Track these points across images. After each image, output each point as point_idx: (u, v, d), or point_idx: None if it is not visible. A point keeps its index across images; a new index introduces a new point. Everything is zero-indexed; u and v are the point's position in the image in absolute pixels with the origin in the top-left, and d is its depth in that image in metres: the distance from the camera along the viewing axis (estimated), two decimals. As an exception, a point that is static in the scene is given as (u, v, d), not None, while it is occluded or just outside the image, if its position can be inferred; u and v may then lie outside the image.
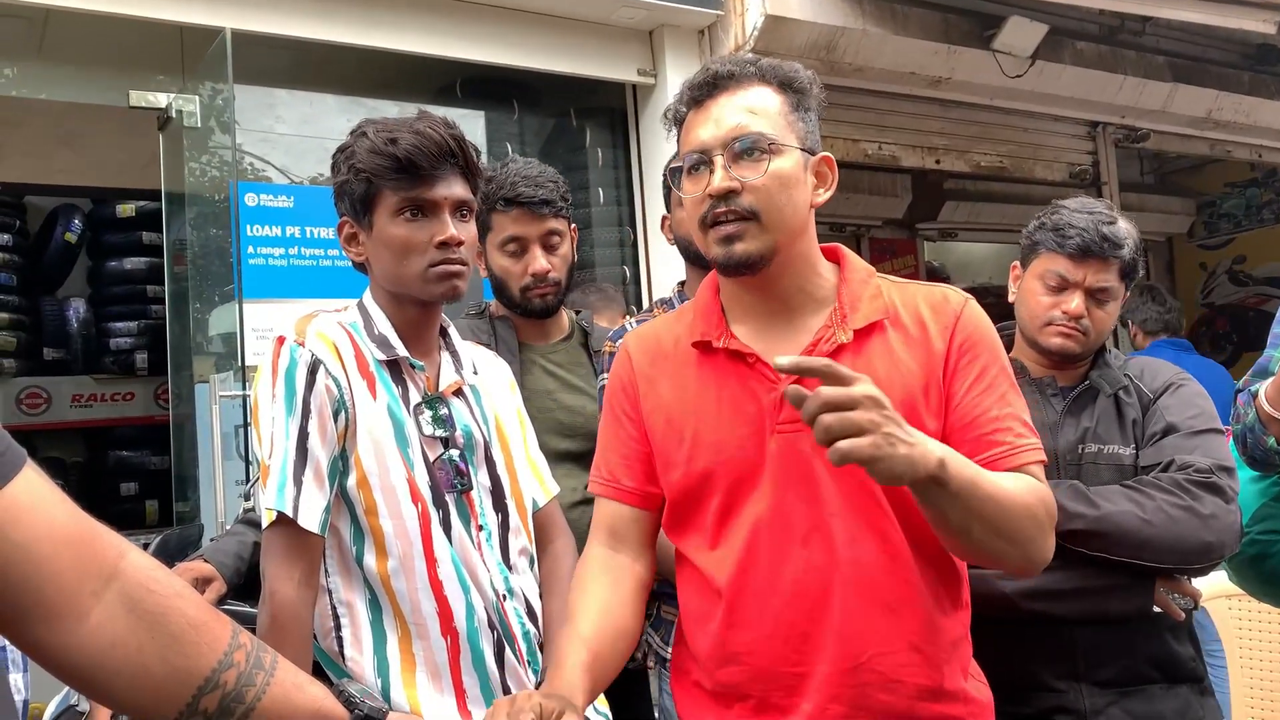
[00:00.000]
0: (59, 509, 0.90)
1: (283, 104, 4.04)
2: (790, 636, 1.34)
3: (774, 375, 1.38)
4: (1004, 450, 1.34)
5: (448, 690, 1.51)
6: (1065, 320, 1.81)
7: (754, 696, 1.37)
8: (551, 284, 2.09)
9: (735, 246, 1.36)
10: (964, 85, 5.00)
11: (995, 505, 1.24)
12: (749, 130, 1.36)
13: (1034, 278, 1.87)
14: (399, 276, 1.57)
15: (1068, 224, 1.82)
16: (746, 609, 1.37)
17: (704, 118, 1.39)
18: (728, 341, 1.42)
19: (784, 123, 1.38)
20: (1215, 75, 5.76)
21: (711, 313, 1.47)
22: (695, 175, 1.40)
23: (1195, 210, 8.13)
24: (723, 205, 1.36)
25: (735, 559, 1.38)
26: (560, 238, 2.11)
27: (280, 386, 1.49)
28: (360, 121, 1.60)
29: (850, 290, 1.43)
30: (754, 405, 1.39)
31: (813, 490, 1.35)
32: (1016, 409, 1.38)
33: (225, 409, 3.47)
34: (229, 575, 1.88)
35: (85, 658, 0.90)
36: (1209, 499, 1.66)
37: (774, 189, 1.35)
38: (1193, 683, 1.79)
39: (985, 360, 1.38)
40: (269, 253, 3.53)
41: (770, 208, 1.36)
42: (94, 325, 6.00)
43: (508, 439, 1.69)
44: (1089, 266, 1.81)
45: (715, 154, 1.36)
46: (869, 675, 1.32)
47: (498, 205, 2.06)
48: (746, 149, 1.35)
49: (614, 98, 4.53)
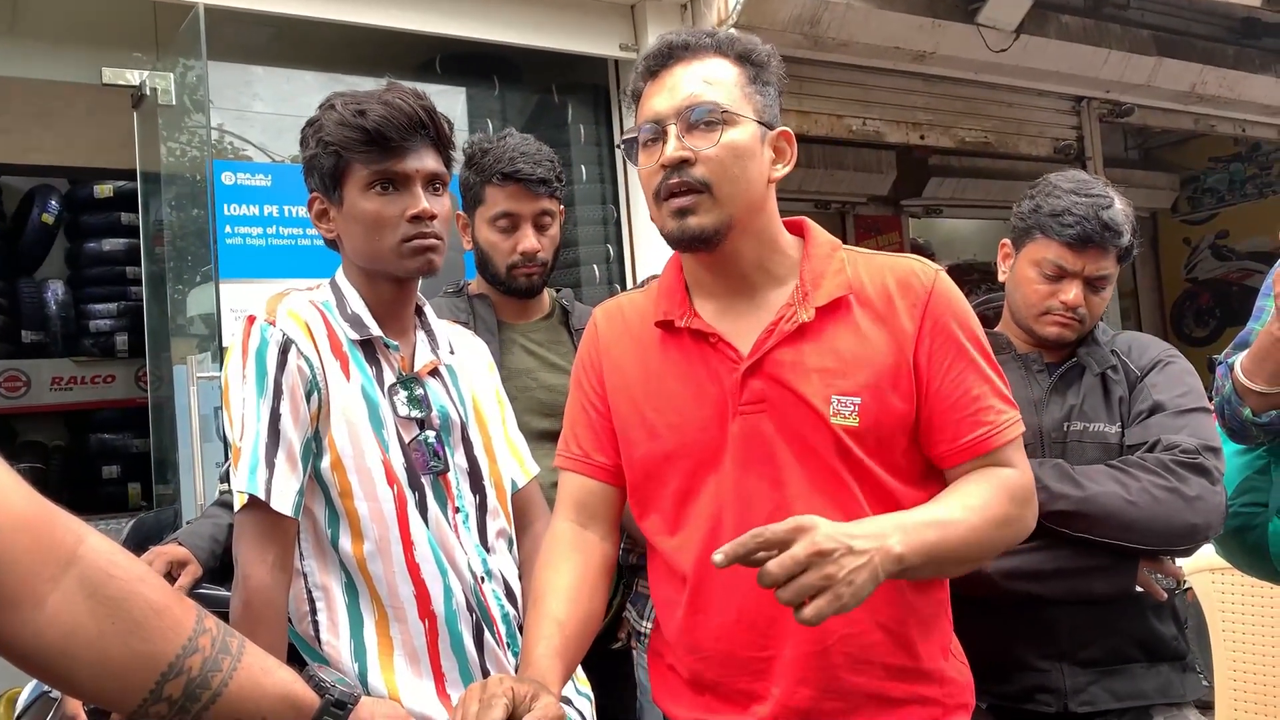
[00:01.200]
0: (14, 493, 0.87)
1: (259, 81, 3.98)
2: (756, 621, 1.33)
3: (735, 355, 1.36)
4: (986, 432, 1.34)
5: (426, 674, 1.49)
6: (1063, 310, 1.78)
7: (723, 682, 1.36)
8: (539, 264, 2.06)
9: (689, 220, 1.34)
10: (948, 60, 4.96)
11: (964, 545, 1.27)
12: (703, 100, 1.33)
13: (1029, 263, 1.82)
14: (371, 252, 1.53)
15: (1066, 210, 1.76)
16: (711, 594, 1.35)
17: (659, 88, 1.37)
18: (690, 321, 1.40)
19: (740, 94, 1.35)
20: (1200, 49, 5.74)
21: (675, 292, 1.44)
22: (650, 147, 1.37)
23: (1179, 185, 8.15)
24: (675, 176, 1.33)
25: (698, 543, 1.36)
26: (551, 219, 2.08)
27: (251, 367, 1.46)
28: (329, 94, 1.56)
29: (813, 266, 1.39)
30: (716, 386, 1.37)
31: (775, 472, 1.33)
32: (993, 380, 1.37)
33: (204, 390, 3.43)
34: (204, 559, 1.85)
35: (44, 645, 0.87)
36: (1195, 480, 1.65)
37: (727, 160, 1.33)
38: (1174, 660, 1.79)
39: (960, 337, 1.36)
40: (247, 232, 3.48)
41: (723, 179, 1.33)
42: (73, 307, 5.94)
43: (485, 420, 1.67)
44: (1088, 256, 1.77)
45: (669, 123, 1.34)
46: (837, 657, 1.31)
47: (493, 179, 2.02)
48: (701, 119, 1.33)
49: (596, 73, 4.48)
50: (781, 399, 1.33)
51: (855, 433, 1.31)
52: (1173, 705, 1.77)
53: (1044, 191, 1.83)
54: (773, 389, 1.33)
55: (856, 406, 1.31)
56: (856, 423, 1.31)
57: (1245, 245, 7.97)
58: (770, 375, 1.34)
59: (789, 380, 1.33)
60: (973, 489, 1.32)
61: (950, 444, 1.35)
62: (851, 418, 1.31)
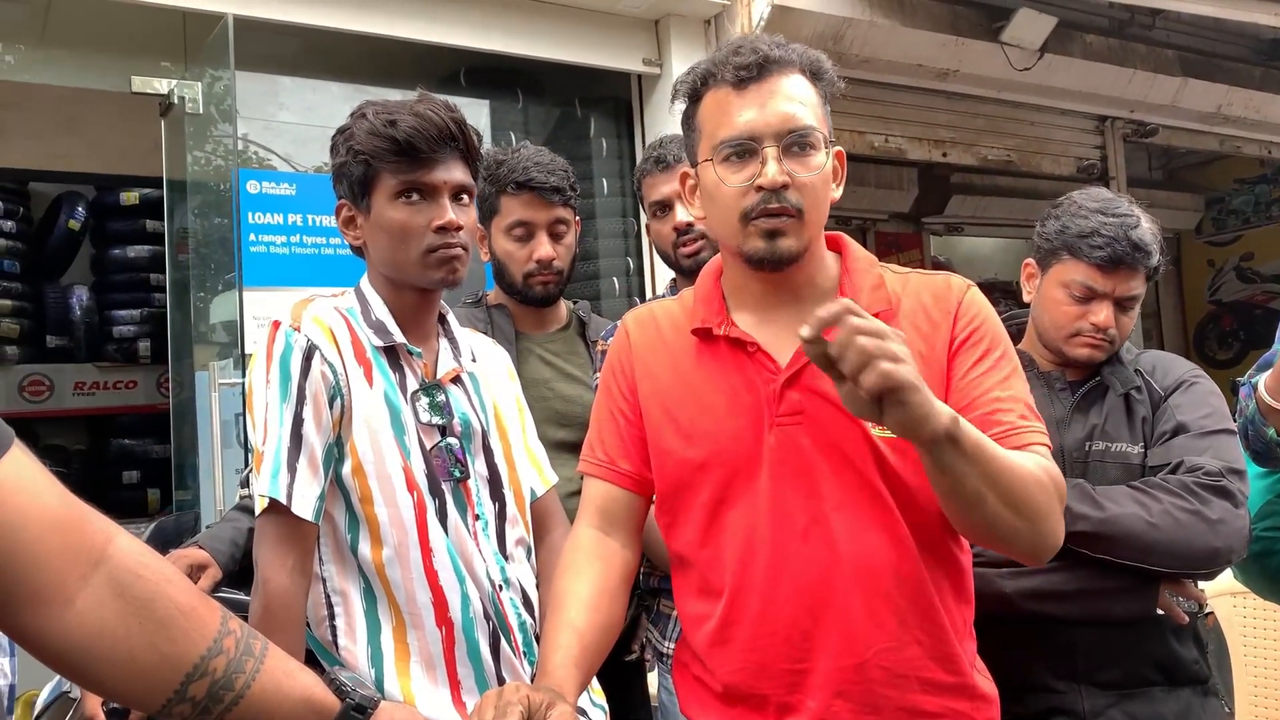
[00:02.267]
0: (47, 491, 0.88)
1: (285, 91, 4.02)
2: (791, 634, 1.32)
3: (774, 366, 1.35)
4: (1005, 429, 1.27)
5: (442, 681, 1.49)
6: (1093, 332, 1.76)
7: (757, 694, 1.35)
8: (555, 272, 2.07)
9: (780, 243, 1.32)
10: (972, 78, 4.97)
11: (1008, 473, 1.17)
12: (802, 123, 1.31)
13: (1057, 285, 1.80)
14: (396, 261, 1.55)
15: (1095, 231, 1.74)
16: (746, 605, 1.34)
17: (749, 101, 1.31)
18: (728, 329, 1.39)
19: (820, 114, 1.34)
20: (1226, 70, 5.72)
21: (712, 300, 1.44)
22: (736, 163, 1.32)
23: (1203, 206, 8.10)
24: (775, 201, 1.30)
25: (733, 555, 1.35)
26: (566, 227, 2.09)
27: (275, 372, 1.47)
28: (361, 103, 1.58)
29: (853, 281, 1.40)
30: (752, 396, 1.36)
31: (812, 484, 1.32)
32: (1020, 393, 1.33)
33: (225, 396, 3.46)
34: (224, 562, 1.86)
35: (72, 643, 0.88)
36: (1217, 503, 1.63)
37: (819, 186, 1.32)
38: (1195, 684, 1.76)
39: (988, 344, 1.35)
40: (270, 240, 3.51)
41: (814, 205, 1.32)
42: (97, 313, 6.01)
43: (506, 428, 1.67)
44: (1118, 277, 1.75)
45: (766, 144, 1.30)
46: (875, 671, 1.30)
47: (508, 189, 2.04)
48: (798, 142, 1.31)
49: (619, 87, 4.50)
50: (820, 411, 1.32)
51: (894, 444, 1.30)
52: (1193, 730, 1.75)
53: (1069, 212, 1.80)
54: (811, 400, 1.33)
55: None
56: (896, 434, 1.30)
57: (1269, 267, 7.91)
58: (809, 387, 1.33)
59: (828, 392, 1.29)
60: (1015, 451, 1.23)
61: None
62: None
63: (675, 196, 2.08)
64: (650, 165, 2.13)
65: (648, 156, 2.16)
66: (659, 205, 2.13)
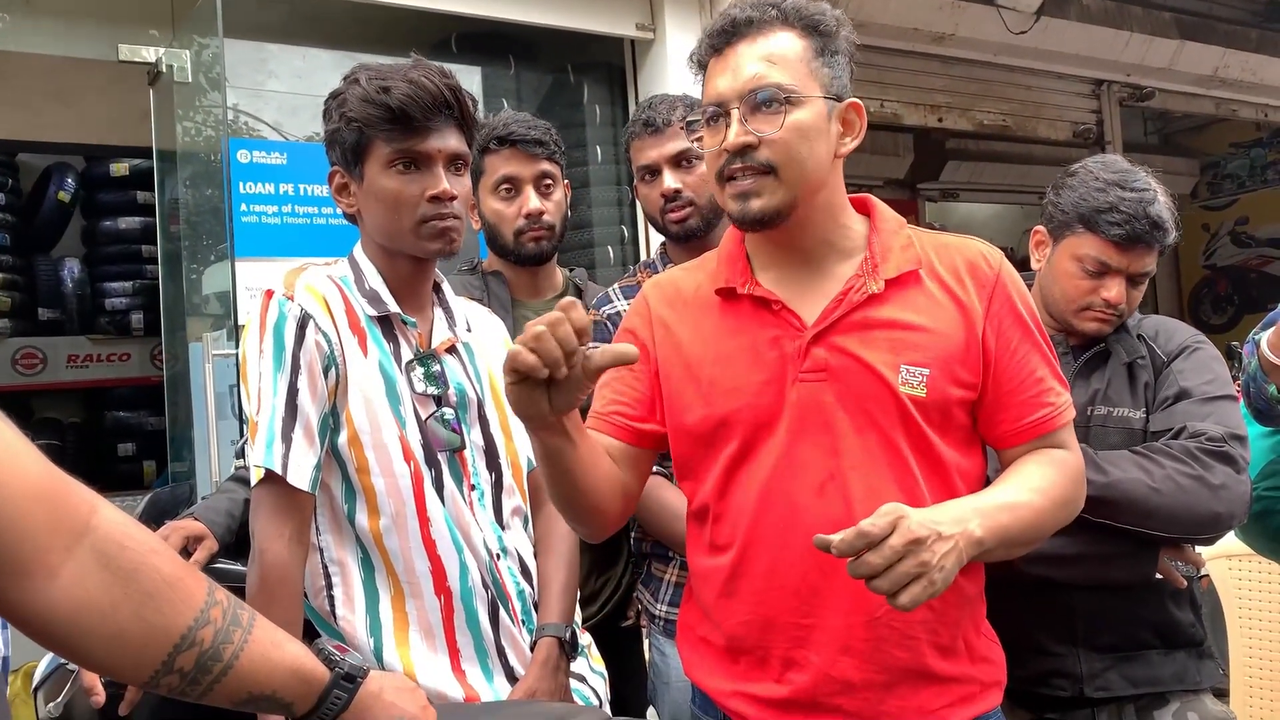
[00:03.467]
0: (30, 463, 0.87)
1: (275, 59, 3.98)
2: (800, 589, 1.32)
3: (799, 323, 1.35)
4: (1048, 413, 1.37)
5: (441, 649, 1.49)
6: (1103, 307, 1.75)
7: (761, 648, 1.35)
8: (545, 227, 2.05)
9: (751, 203, 1.33)
10: (968, 42, 4.93)
11: (1031, 527, 1.32)
12: (766, 81, 1.31)
13: (1069, 257, 1.77)
14: (390, 230, 1.53)
15: (1113, 207, 1.71)
16: (756, 559, 1.35)
17: (722, 66, 1.35)
18: (752, 288, 1.39)
19: (805, 70, 1.33)
20: (1223, 32, 5.69)
21: (736, 260, 1.43)
22: (713, 127, 1.36)
23: (1199, 171, 8.08)
24: (739, 161, 1.32)
25: (747, 508, 1.36)
26: (554, 182, 2.07)
27: (269, 341, 1.45)
28: (354, 66, 1.55)
29: (881, 240, 1.39)
30: (776, 352, 1.36)
31: (832, 441, 1.32)
32: (1052, 363, 1.41)
33: (219, 368, 3.44)
34: (220, 534, 1.85)
35: (57, 616, 0.87)
36: (1220, 469, 1.63)
37: (793, 142, 1.31)
38: (1191, 647, 1.78)
39: (1025, 320, 1.39)
40: (262, 210, 3.48)
41: (788, 161, 1.32)
42: (89, 285, 5.97)
43: (501, 397, 1.66)
44: (1133, 254, 1.73)
45: (732, 106, 1.32)
46: (885, 630, 1.30)
47: (490, 145, 2.03)
48: (764, 101, 1.31)
49: (612, 53, 4.45)
50: (845, 368, 1.33)
51: (921, 403, 1.32)
52: (1189, 692, 1.76)
53: (1086, 183, 1.76)
54: (837, 358, 1.33)
55: (925, 377, 1.32)
56: (924, 394, 1.32)
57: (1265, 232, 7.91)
58: (835, 344, 1.34)
59: (855, 349, 1.33)
60: (1036, 471, 1.36)
61: (1014, 424, 1.37)
62: (919, 388, 1.32)
63: (663, 161, 2.05)
64: (639, 128, 2.10)
65: (636, 119, 2.12)
66: (647, 170, 2.10)
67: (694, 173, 2.01)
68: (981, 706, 1.37)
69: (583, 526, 1.43)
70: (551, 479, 1.32)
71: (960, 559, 1.19)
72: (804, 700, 1.33)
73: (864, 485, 1.31)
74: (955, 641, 1.35)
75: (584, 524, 1.42)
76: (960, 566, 1.19)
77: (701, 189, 2.00)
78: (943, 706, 1.34)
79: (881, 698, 1.31)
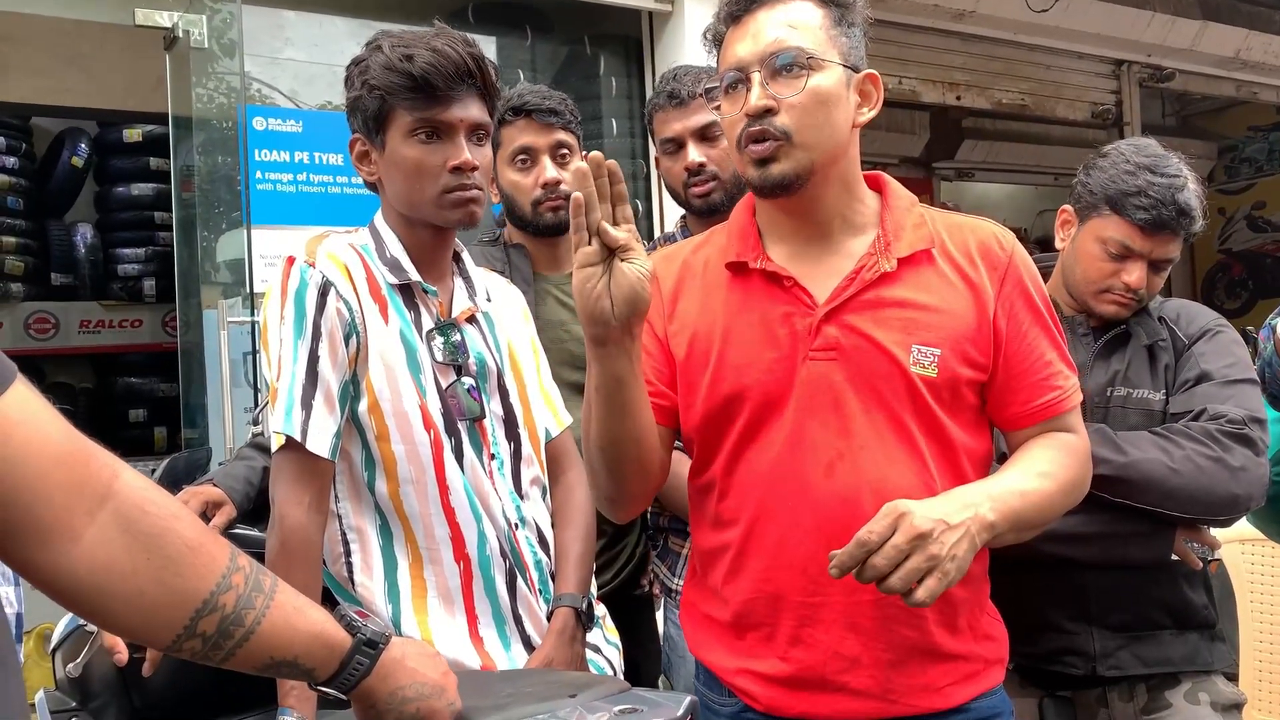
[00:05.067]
0: (52, 426, 0.87)
1: (291, 26, 3.95)
2: (808, 566, 1.32)
3: (810, 300, 1.35)
4: (1057, 396, 1.38)
5: (460, 615, 1.50)
6: (1123, 291, 1.74)
7: (768, 625, 1.36)
8: (563, 196, 2.03)
9: (770, 168, 1.32)
10: (988, 19, 4.88)
11: (1041, 511, 1.33)
12: (787, 45, 1.31)
13: (1093, 239, 1.76)
14: (411, 200, 1.53)
15: (1141, 191, 1.70)
16: (764, 536, 1.35)
17: (742, 33, 1.35)
18: (764, 263, 1.38)
19: (825, 37, 1.33)
20: (1246, 13, 5.63)
21: (748, 234, 1.42)
22: (732, 94, 1.35)
23: (1216, 154, 8.00)
24: (758, 125, 1.31)
25: (755, 485, 1.35)
26: (570, 152, 2.06)
27: (290, 308, 1.45)
28: (376, 33, 1.54)
29: (894, 218, 1.39)
30: (786, 329, 1.35)
31: (841, 420, 1.32)
32: (1061, 346, 1.41)
33: (233, 335, 3.44)
34: (239, 500, 1.85)
35: (78, 579, 0.87)
36: (1239, 451, 1.62)
37: (811, 107, 1.31)
38: (1204, 629, 1.78)
39: (1037, 303, 1.39)
40: (277, 178, 3.48)
41: (806, 127, 1.31)
42: (101, 251, 5.98)
43: (521, 368, 1.67)
44: (1157, 240, 1.72)
45: (752, 70, 1.32)
46: (892, 609, 1.30)
47: (505, 117, 2.01)
48: (785, 65, 1.31)
49: (629, 25, 4.42)
50: (856, 347, 1.32)
51: (932, 383, 1.32)
52: (1200, 672, 1.77)
53: (1116, 164, 1.76)
54: (848, 336, 1.33)
55: (936, 358, 1.32)
56: (935, 374, 1.32)
57: (1282, 217, 7.85)
58: (846, 323, 1.33)
59: (867, 328, 1.32)
60: (1044, 454, 1.36)
61: (1023, 406, 1.38)
62: (930, 368, 1.31)
63: (687, 134, 2.04)
64: (663, 100, 2.08)
65: (660, 90, 2.11)
66: (670, 142, 2.09)
67: (718, 146, 2.00)
68: (985, 684, 1.38)
69: (627, 486, 1.37)
70: (607, 424, 1.29)
71: (973, 544, 1.20)
72: (810, 677, 1.33)
73: (873, 464, 1.31)
74: (960, 619, 1.36)
75: (629, 483, 1.37)
76: (974, 552, 1.20)
77: (725, 163, 1.99)
78: (948, 684, 1.34)
79: (888, 675, 1.32)
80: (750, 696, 1.37)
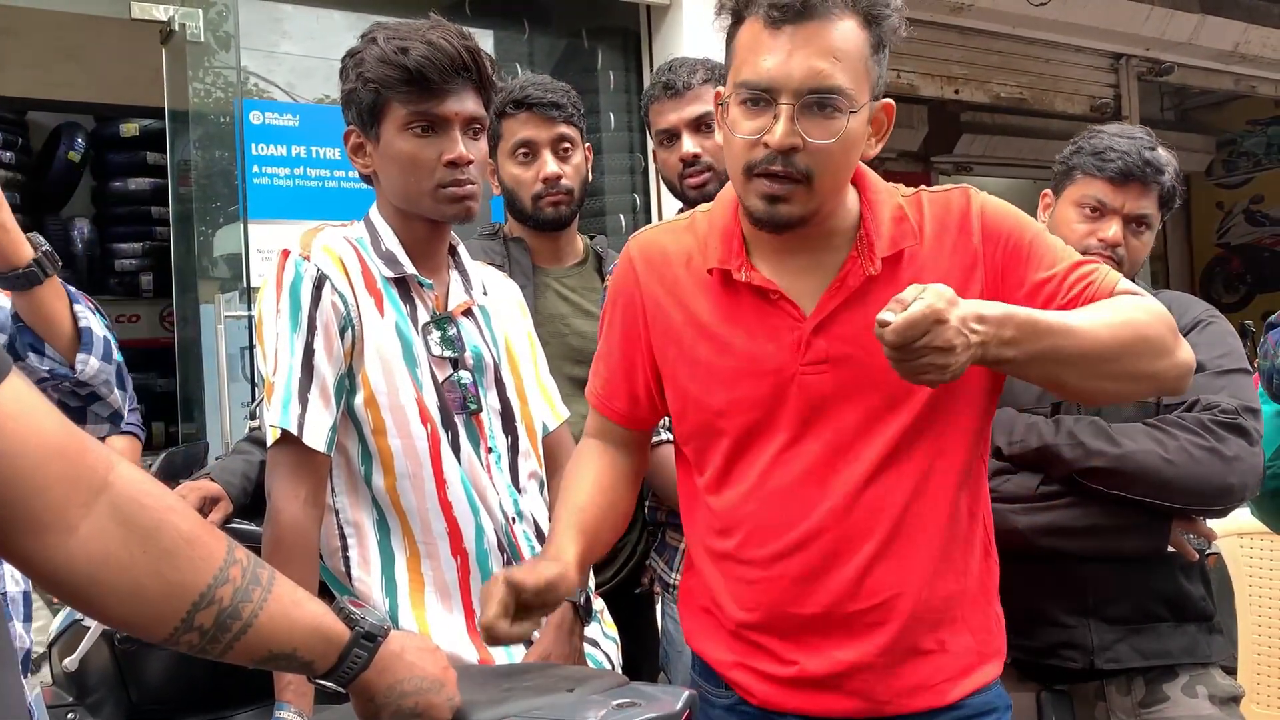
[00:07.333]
0: (47, 419, 0.86)
1: (288, 19, 3.94)
2: (800, 578, 1.31)
3: (797, 313, 1.30)
4: (1086, 289, 1.26)
5: (457, 609, 1.50)
6: (1101, 249, 1.75)
7: (764, 634, 1.35)
8: (564, 191, 2.02)
9: (779, 208, 1.24)
10: (986, 12, 4.88)
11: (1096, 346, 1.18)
12: (829, 83, 1.19)
13: (1070, 204, 1.81)
14: (407, 193, 1.52)
15: (1109, 147, 1.76)
16: (759, 548, 1.33)
17: (777, 45, 1.20)
18: (749, 275, 1.32)
19: (863, 70, 1.22)
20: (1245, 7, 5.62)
21: (732, 238, 1.35)
22: (751, 109, 1.23)
23: (1214, 148, 8.00)
24: (779, 163, 1.21)
25: (750, 499, 1.33)
26: (572, 146, 2.04)
27: (285, 302, 1.45)
28: (371, 25, 1.54)
29: (875, 215, 1.33)
30: (775, 343, 1.31)
31: (835, 433, 1.29)
32: (1067, 253, 1.32)
33: (230, 330, 3.44)
34: (236, 494, 1.86)
35: (75, 571, 0.87)
36: (1233, 440, 1.63)
37: (837, 153, 1.22)
38: (1201, 621, 1.78)
39: (1019, 233, 1.31)
40: (274, 173, 3.47)
41: (828, 171, 1.23)
42: (99, 246, 5.95)
43: (517, 361, 1.66)
44: (1129, 192, 1.76)
45: (783, 99, 1.20)
46: (887, 614, 1.30)
47: (507, 109, 2.00)
48: (819, 103, 1.20)
49: (628, 18, 4.41)
50: (848, 358, 1.28)
51: (926, 397, 1.27)
52: (1198, 665, 1.76)
53: (1088, 136, 1.84)
54: (838, 347, 1.29)
55: None
56: None
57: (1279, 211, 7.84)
58: (836, 334, 1.29)
59: (857, 338, 1.27)
60: (1105, 307, 1.24)
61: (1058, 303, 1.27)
62: None
63: (683, 125, 2.03)
64: (658, 91, 2.07)
65: (656, 81, 2.10)
66: (666, 134, 2.08)
67: (713, 137, 2.00)
68: (982, 679, 1.36)
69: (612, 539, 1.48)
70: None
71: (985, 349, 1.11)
72: (805, 678, 1.32)
73: (867, 477, 1.29)
74: (958, 618, 1.34)
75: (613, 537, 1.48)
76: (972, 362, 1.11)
77: (721, 154, 1.99)
78: (944, 680, 1.33)
79: (884, 678, 1.31)
80: (746, 691, 1.37)
